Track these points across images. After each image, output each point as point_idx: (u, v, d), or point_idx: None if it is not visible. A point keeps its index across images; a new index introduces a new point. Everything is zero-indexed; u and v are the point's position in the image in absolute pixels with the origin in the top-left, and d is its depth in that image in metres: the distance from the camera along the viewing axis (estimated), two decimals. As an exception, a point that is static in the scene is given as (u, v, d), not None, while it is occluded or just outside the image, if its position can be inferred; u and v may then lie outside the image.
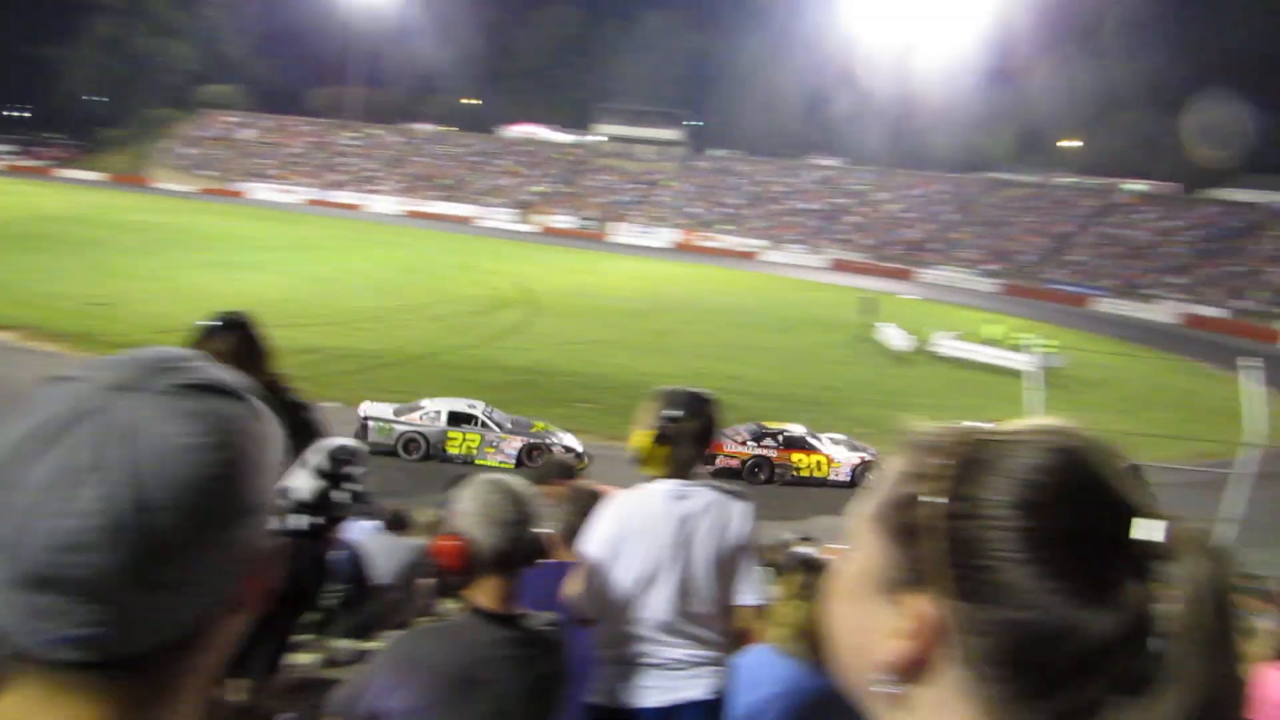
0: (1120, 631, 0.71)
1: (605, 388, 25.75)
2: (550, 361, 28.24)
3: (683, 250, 70.13)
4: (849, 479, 19.84)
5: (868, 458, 20.13)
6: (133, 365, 0.80)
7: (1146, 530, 0.73)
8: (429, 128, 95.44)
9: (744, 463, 20.02)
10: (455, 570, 2.33)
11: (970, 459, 0.79)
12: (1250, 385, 15.83)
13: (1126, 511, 0.74)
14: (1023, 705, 0.73)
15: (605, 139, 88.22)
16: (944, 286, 59.59)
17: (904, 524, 0.79)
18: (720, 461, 19.39)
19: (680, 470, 3.26)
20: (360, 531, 6.57)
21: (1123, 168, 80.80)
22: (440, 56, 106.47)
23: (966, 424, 0.85)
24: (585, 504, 3.51)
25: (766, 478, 19.99)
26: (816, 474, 20.16)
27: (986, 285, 59.76)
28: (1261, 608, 11.46)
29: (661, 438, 3.21)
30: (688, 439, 3.26)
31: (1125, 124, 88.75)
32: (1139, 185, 74.85)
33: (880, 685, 0.79)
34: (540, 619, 2.39)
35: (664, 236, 73.62)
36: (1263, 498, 20.56)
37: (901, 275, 62.79)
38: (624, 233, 74.86)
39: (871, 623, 0.80)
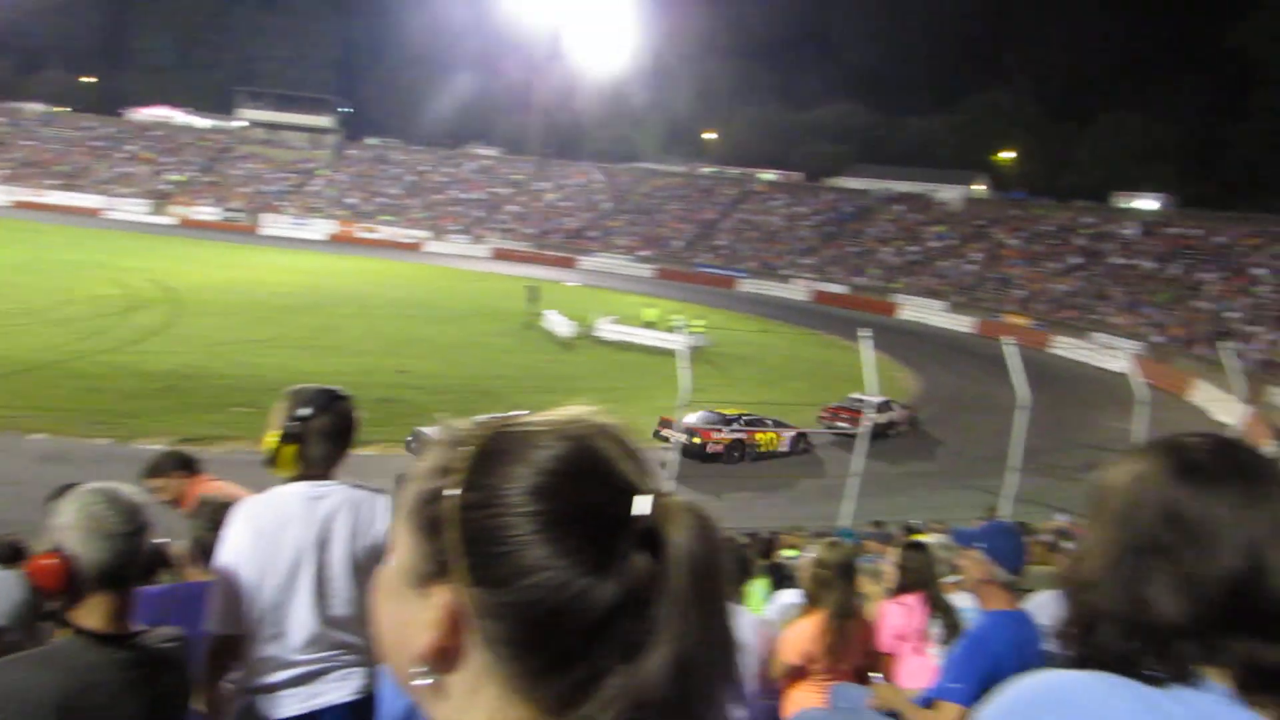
0: (622, 600, 0.76)
1: (263, 390, 24.20)
2: (199, 364, 26.17)
3: (341, 242, 67.44)
4: (789, 450, 23.70)
5: (801, 431, 24.06)
6: None
7: (641, 506, 0.78)
8: (38, 107, 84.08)
9: (727, 447, 22.52)
10: (55, 590, 2.08)
11: (487, 450, 0.83)
12: (867, 353, 17.89)
13: (627, 490, 0.80)
14: (540, 680, 0.78)
15: (249, 125, 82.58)
16: (604, 273, 61.96)
17: (429, 518, 0.83)
18: (710, 449, 22.10)
19: (315, 469, 3.17)
20: None
21: (757, 159, 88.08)
22: (49, 26, 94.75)
23: (491, 417, 0.88)
24: (216, 515, 3.29)
25: (740, 456, 22.80)
26: (770, 449, 23.40)
27: (643, 270, 62.80)
28: (880, 550, 13.07)
29: (289, 437, 3.10)
30: (320, 437, 3.17)
31: (757, 119, 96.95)
32: (770, 175, 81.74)
33: (418, 676, 0.82)
34: (159, 635, 2.21)
35: (320, 228, 70.34)
36: (886, 449, 23.44)
37: (564, 263, 64.45)
38: (276, 225, 70.67)
39: (407, 617, 0.83)
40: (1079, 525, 11.30)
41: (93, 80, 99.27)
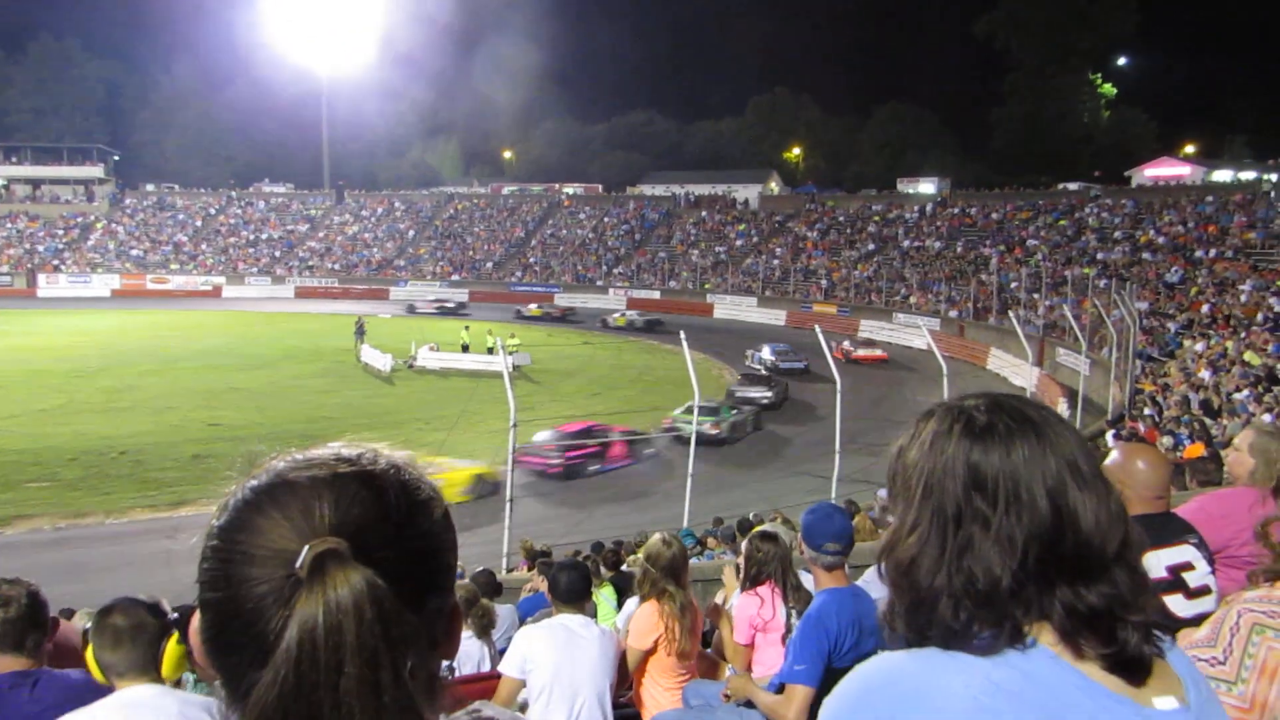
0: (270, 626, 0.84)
1: (61, 462, 22.56)
2: (-18, 443, 23.98)
3: (130, 296, 63.32)
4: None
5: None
6: None
7: (302, 560, 0.85)
8: None
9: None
10: None
11: (243, 488, 0.93)
12: (688, 352, 18.30)
13: (297, 543, 0.86)
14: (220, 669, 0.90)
15: (7, 183, 76.21)
16: (415, 300, 60.70)
17: None
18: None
19: None
20: None
21: (558, 173, 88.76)
22: None
23: (284, 452, 0.96)
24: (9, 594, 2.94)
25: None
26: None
27: (457, 294, 61.99)
28: (719, 545, 13.39)
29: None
30: None
31: (554, 134, 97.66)
32: (573, 188, 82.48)
33: None
34: None
35: (104, 283, 65.81)
36: (711, 452, 24.00)
37: (375, 295, 62.86)
38: (55, 285, 65.64)
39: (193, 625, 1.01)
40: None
41: None
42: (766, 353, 37.30)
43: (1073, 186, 60.41)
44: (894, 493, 1.26)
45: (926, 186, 69.73)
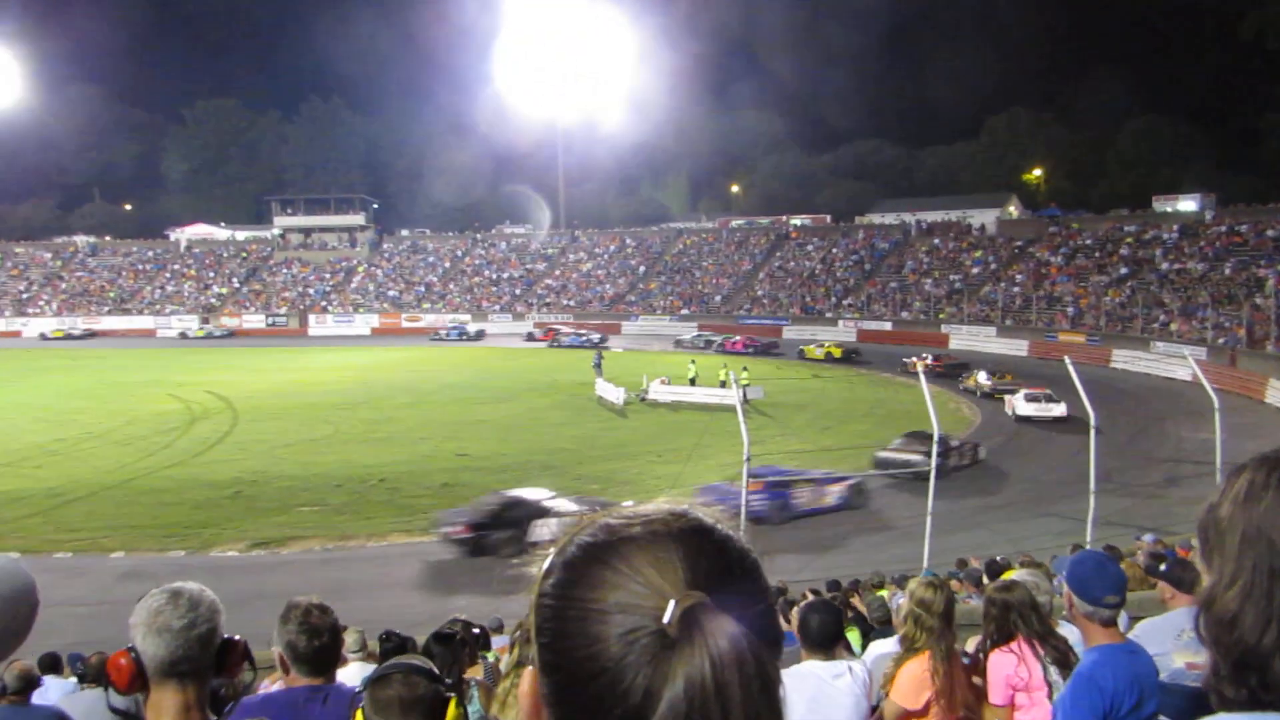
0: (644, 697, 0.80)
1: (327, 488, 24.54)
2: (262, 469, 26.51)
3: (387, 334, 68.59)
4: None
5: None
6: None
7: (670, 613, 0.81)
8: (84, 239, 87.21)
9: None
10: (128, 686, 2.14)
11: (570, 549, 0.90)
12: (926, 386, 17.64)
13: (660, 594, 0.83)
14: None
15: (284, 232, 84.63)
16: (649, 335, 62.12)
17: (529, 605, 0.91)
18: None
19: None
20: (58, 690, 5.93)
21: (785, 205, 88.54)
22: (86, 162, 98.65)
23: (600, 513, 0.93)
24: (305, 619, 3.18)
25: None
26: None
27: (686, 329, 62.89)
28: (964, 589, 12.64)
29: None
30: None
31: (780, 166, 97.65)
32: (800, 219, 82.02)
33: None
34: None
35: (365, 323, 71.70)
36: (952, 485, 22.96)
37: (607, 330, 64.83)
38: (322, 325, 72.22)
39: (523, 688, 0.91)
40: (1187, 549, 10.90)
41: (131, 208, 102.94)
42: (983, 378, 36.69)
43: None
44: (1208, 546, 1.15)
45: (1187, 204, 64.38)
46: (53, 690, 5.89)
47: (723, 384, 35.09)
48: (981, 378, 37.60)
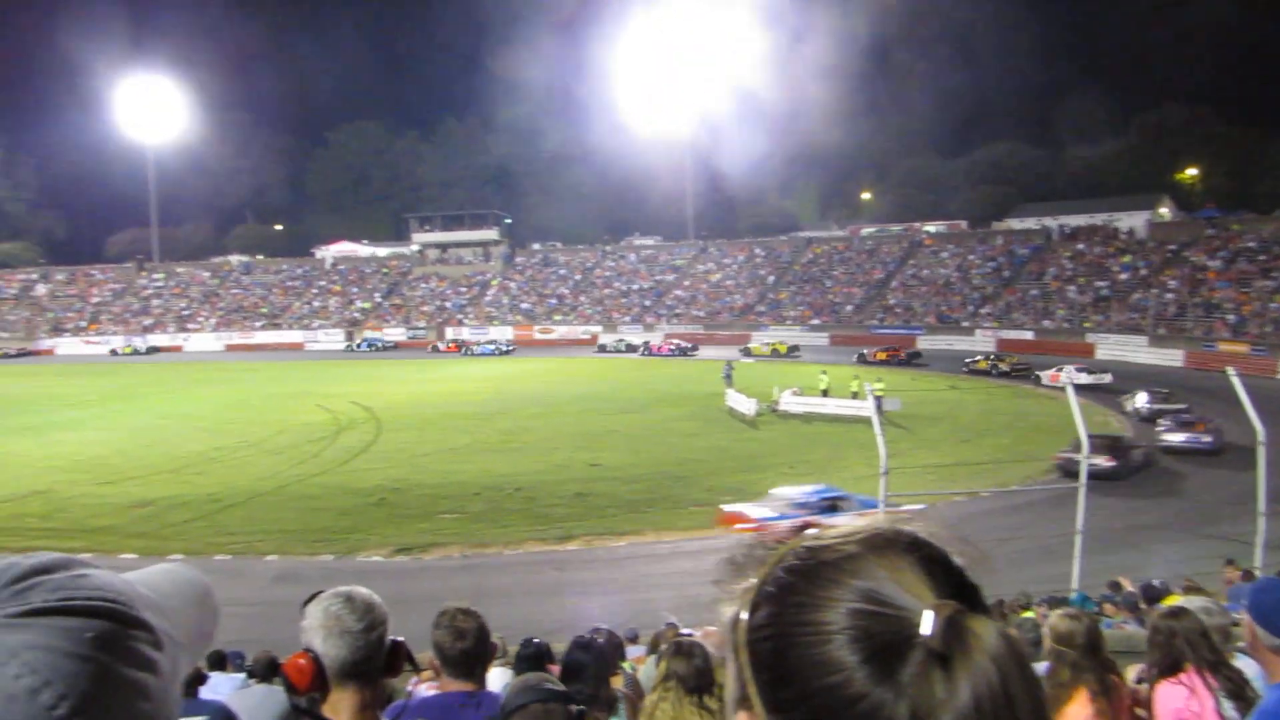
0: None
1: (465, 496, 25.19)
2: (404, 477, 27.41)
3: (520, 345, 70.13)
4: None
5: None
6: None
7: (926, 625, 0.74)
8: (238, 259, 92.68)
9: None
10: (307, 687, 2.23)
11: (774, 573, 0.83)
12: (1074, 398, 16.85)
13: (912, 609, 0.76)
14: None
15: (422, 248, 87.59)
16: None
17: (731, 641, 0.84)
18: None
19: None
20: (227, 685, 6.21)
21: (918, 212, 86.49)
22: (240, 187, 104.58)
23: (795, 538, 0.87)
24: (456, 623, 3.28)
25: None
26: None
27: (817, 339, 62.12)
28: (1117, 614, 11.96)
29: None
30: None
31: (913, 172, 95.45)
32: (934, 226, 79.96)
33: None
34: None
35: (500, 335, 73.45)
36: (1101, 504, 21.88)
37: (737, 341, 64.58)
38: (459, 337, 74.38)
39: None
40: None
41: (281, 228, 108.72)
42: (1142, 400, 33.78)
43: None
44: None
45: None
46: (222, 685, 6.19)
47: (854, 395, 34.55)
48: (1141, 400, 33.74)
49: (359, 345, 73.21)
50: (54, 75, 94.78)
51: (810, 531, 0.88)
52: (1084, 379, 38.55)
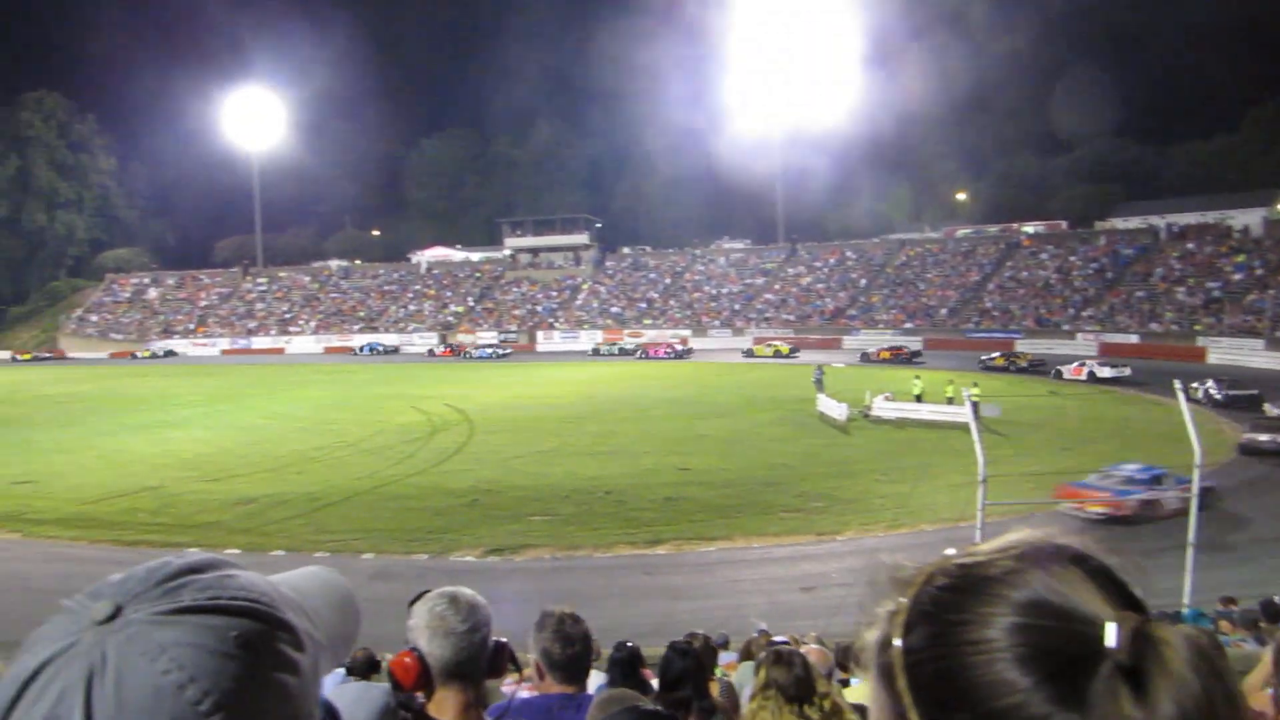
0: None
1: (556, 498, 25.38)
2: (495, 478, 27.76)
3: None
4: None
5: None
6: (122, 589, 0.74)
7: (1111, 637, 0.70)
8: (337, 263, 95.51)
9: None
10: (412, 686, 2.27)
11: (930, 591, 0.79)
12: (1185, 406, 16.18)
13: (1092, 621, 0.72)
14: None
15: (514, 252, 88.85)
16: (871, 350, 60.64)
17: (883, 665, 0.80)
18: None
19: None
20: (326, 682, 6.32)
21: (1015, 212, 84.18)
22: (340, 193, 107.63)
23: (939, 557, 0.83)
24: (560, 626, 3.29)
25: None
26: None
27: (911, 343, 61.01)
28: (1233, 631, 11.40)
29: None
30: None
31: (1011, 171, 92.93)
32: (1032, 227, 77.77)
33: None
34: None
35: (589, 339, 74.01)
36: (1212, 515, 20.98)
37: (829, 345, 63.83)
38: (550, 341, 75.25)
39: None
40: None
41: (378, 233, 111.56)
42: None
43: None
44: None
45: None
46: (325, 682, 6.32)
47: (950, 400, 33.81)
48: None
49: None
50: (164, 89, 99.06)
51: (949, 551, 0.84)
52: (1107, 372, 43.40)
